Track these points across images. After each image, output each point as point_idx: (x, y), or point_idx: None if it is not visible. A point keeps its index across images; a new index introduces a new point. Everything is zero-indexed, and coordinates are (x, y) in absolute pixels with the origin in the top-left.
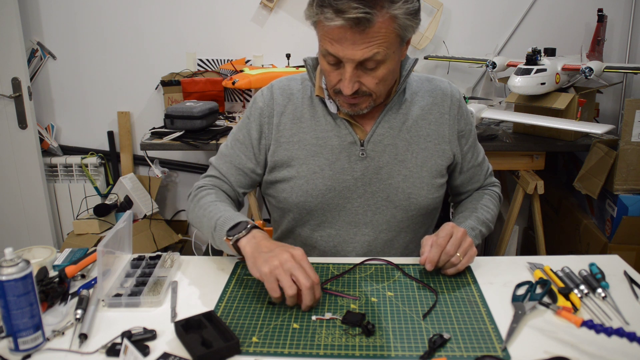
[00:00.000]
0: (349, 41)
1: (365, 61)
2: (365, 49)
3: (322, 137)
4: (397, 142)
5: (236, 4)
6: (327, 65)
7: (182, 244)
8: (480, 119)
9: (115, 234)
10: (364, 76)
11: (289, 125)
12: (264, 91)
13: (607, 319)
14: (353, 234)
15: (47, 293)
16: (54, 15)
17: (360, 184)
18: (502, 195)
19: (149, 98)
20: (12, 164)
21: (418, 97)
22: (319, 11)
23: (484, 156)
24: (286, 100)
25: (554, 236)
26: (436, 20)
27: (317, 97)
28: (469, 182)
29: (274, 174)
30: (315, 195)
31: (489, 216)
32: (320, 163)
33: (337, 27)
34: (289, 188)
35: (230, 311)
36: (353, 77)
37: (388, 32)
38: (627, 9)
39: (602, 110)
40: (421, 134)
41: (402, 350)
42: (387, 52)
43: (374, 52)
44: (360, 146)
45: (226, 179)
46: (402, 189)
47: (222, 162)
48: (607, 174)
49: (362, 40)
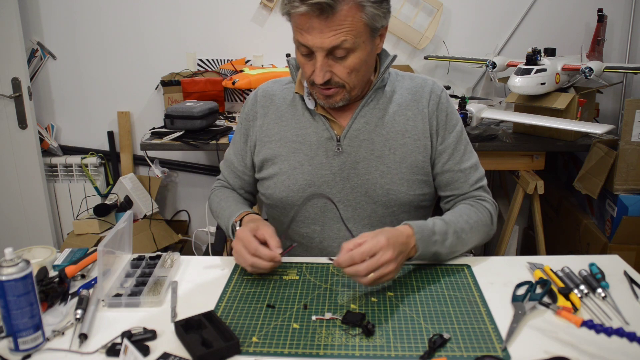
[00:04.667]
0: (317, 29)
1: (334, 49)
2: (333, 36)
3: (301, 134)
4: (373, 138)
5: (236, 4)
6: (301, 57)
7: (182, 244)
8: (480, 119)
9: (116, 234)
10: (335, 65)
11: (271, 125)
12: (250, 96)
13: (607, 319)
14: (337, 229)
15: (47, 293)
16: (54, 15)
17: (339, 179)
18: (494, 215)
19: (149, 98)
20: (12, 164)
21: (397, 94)
22: (287, 1)
23: (473, 165)
24: (268, 102)
25: (554, 236)
26: (436, 20)
27: (297, 94)
28: (447, 186)
29: (261, 172)
30: (296, 190)
31: (459, 226)
32: (300, 159)
33: (303, 14)
34: (273, 184)
35: (230, 311)
36: (324, 67)
37: (355, 21)
38: (627, 9)
39: (602, 110)
40: (399, 130)
41: (402, 350)
42: (355, 41)
43: (342, 40)
44: (336, 141)
45: (228, 183)
46: (381, 185)
47: (224, 167)
48: (607, 174)
49: (329, 28)
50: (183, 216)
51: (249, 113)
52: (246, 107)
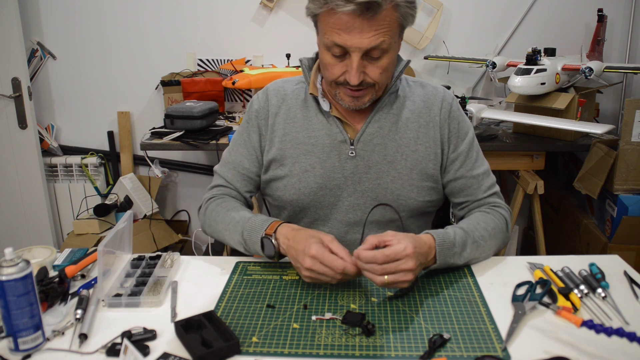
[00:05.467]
0: (357, 29)
1: (371, 50)
2: (373, 37)
3: (313, 136)
4: (386, 143)
5: (236, 4)
6: (331, 58)
7: (182, 244)
8: (480, 119)
9: (116, 234)
10: (369, 66)
11: (282, 125)
12: (260, 94)
13: (607, 319)
14: (344, 232)
15: (47, 293)
16: (54, 15)
17: (350, 183)
18: (509, 221)
19: (149, 98)
20: (12, 164)
21: (409, 101)
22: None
23: (485, 172)
24: (280, 102)
25: (554, 236)
26: (436, 20)
27: (311, 95)
28: (460, 192)
29: (269, 173)
30: (307, 193)
31: (478, 234)
32: (312, 161)
33: (347, 13)
34: (282, 186)
35: (230, 311)
36: (360, 67)
37: (392, 21)
38: (627, 9)
39: (602, 110)
40: (411, 137)
41: (402, 350)
42: (390, 41)
43: (381, 40)
44: (350, 145)
45: (233, 186)
46: (391, 190)
47: (227, 170)
48: (607, 174)
49: (370, 28)
50: (183, 216)
51: (259, 111)
52: (255, 105)
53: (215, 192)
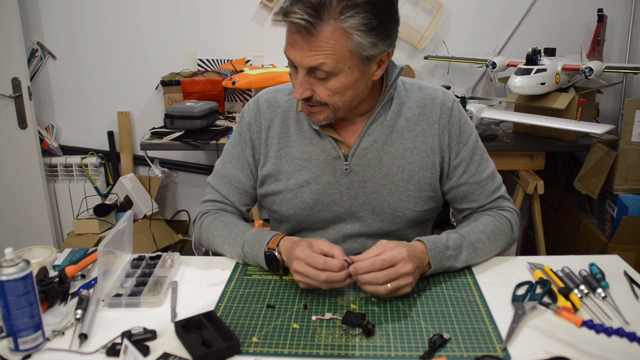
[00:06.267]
0: (298, 46)
1: (314, 69)
2: (311, 57)
3: (307, 151)
4: (381, 156)
5: (236, 4)
6: (291, 69)
7: (182, 244)
8: (480, 119)
9: (116, 234)
10: (317, 85)
11: (276, 139)
12: (251, 105)
13: (607, 319)
14: (342, 243)
15: (47, 293)
16: (54, 15)
17: (347, 198)
18: (514, 223)
19: (149, 98)
20: (12, 164)
21: (405, 108)
22: (275, 11)
23: (489, 175)
24: (273, 114)
25: (554, 236)
26: (436, 20)
27: (302, 112)
28: (463, 199)
29: (264, 187)
30: (303, 208)
31: (475, 237)
32: (307, 177)
33: (287, 29)
34: (279, 201)
35: (230, 311)
36: (303, 83)
37: (338, 46)
38: (627, 9)
39: (602, 110)
40: (407, 147)
41: (402, 350)
42: (336, 65)
43: (320, 62)
44: (344, 161)
45: (229, 201)
46: (388, 203)
47: (222, 184)
48: (607, 174)
49: (309, 48)
50: (183, 216)
51: (252, 123)
52: (246, 117)
53: (209, 207)
